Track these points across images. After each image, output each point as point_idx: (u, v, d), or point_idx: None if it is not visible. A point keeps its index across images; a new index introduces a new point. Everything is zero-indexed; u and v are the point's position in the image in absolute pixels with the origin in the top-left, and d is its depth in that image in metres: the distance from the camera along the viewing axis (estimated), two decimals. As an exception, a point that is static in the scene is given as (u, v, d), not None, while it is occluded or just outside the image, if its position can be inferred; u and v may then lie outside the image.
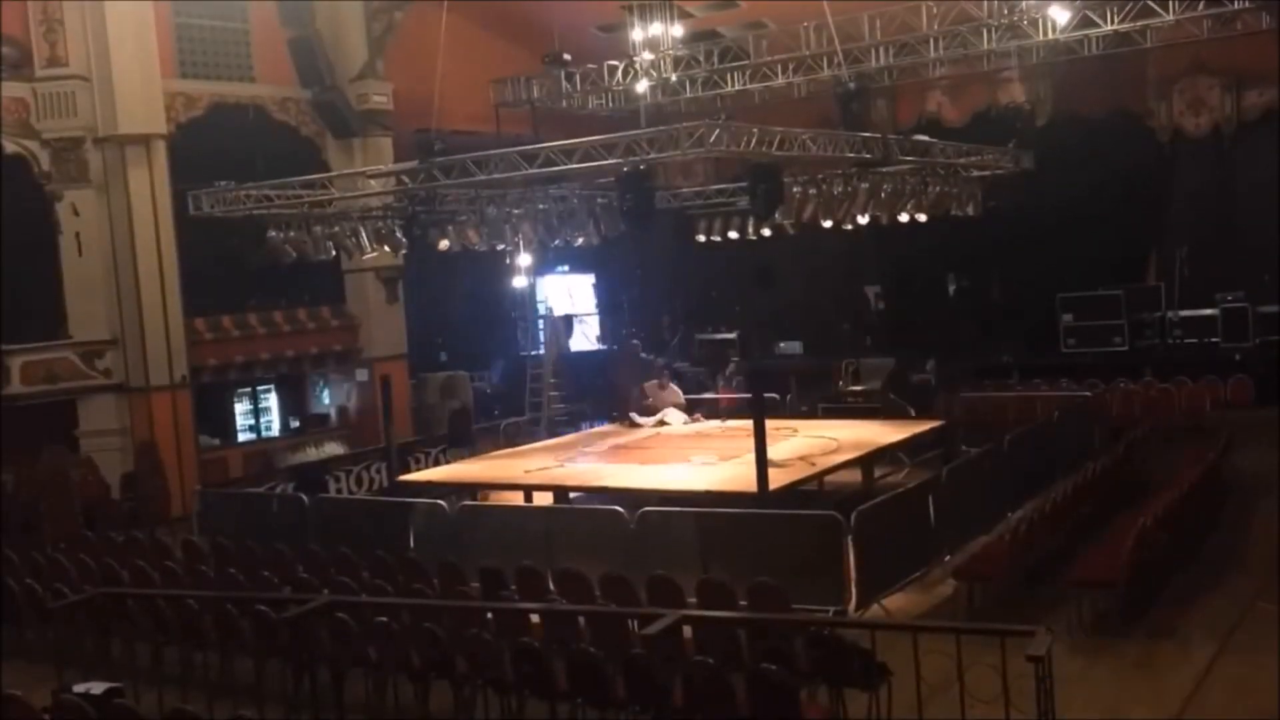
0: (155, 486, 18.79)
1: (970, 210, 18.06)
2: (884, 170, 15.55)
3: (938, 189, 16.73)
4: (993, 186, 18.88)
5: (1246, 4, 18.25)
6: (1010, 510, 13.84)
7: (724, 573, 10.87)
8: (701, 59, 21.54)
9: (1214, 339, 21.15)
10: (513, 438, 20.02)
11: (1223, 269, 21.64)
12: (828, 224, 16.82)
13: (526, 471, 16.10)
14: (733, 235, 20.55)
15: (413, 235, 15.85)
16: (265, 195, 16.42)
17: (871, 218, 17.21)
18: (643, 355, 23.92)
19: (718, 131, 12.40)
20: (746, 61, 21.57)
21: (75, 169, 19.25)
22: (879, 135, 14.84)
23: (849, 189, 15.17)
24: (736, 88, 22.51)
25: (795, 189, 14.09)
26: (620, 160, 12.93)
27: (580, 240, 17.10)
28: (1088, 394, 19.28)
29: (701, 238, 21.00)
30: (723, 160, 26.52)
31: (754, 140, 13.04)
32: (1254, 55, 19.89)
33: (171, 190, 19.51)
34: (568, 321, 26.79)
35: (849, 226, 20.11)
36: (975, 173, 18.00)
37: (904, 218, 18.98)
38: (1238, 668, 9.74)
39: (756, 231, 20.83)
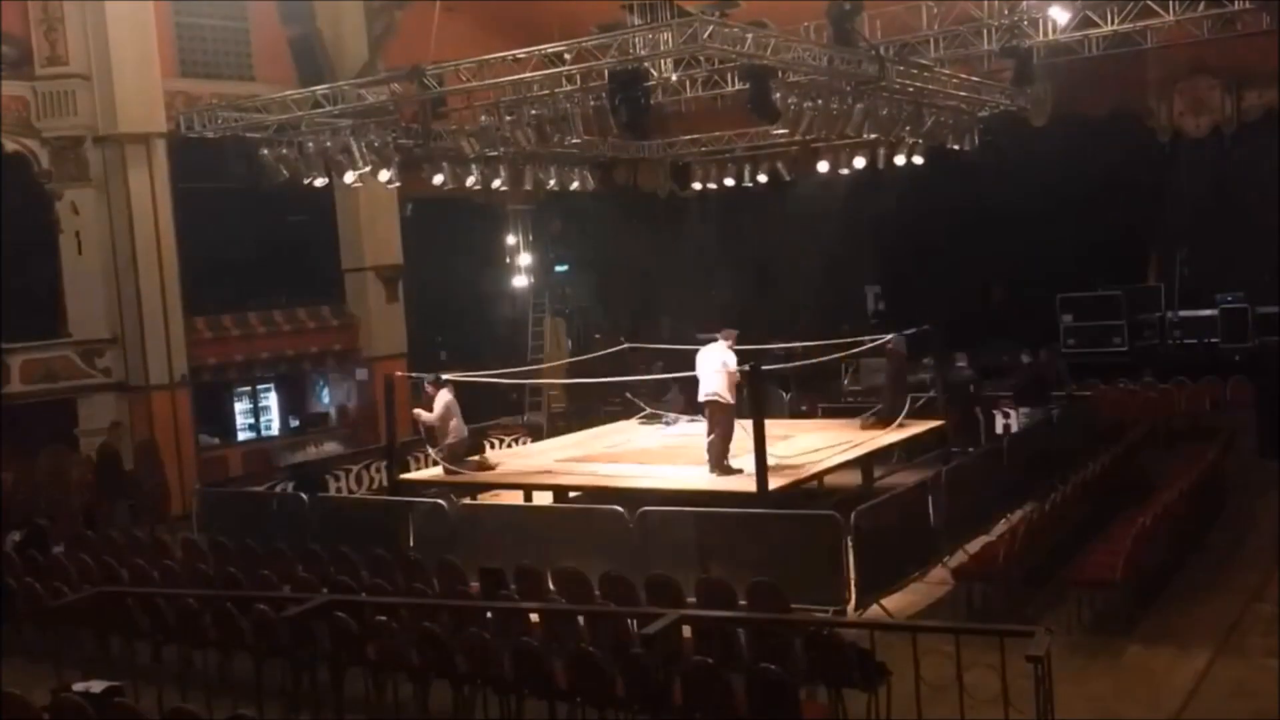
0: (155, 485, 18.80)
1: (967, 144, 17.81)
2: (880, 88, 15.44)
3: (934, 118, 16.61)
4: (991, 122, 18.55)
5: (1247, 4, 18.23)
6: (1010, 510, 13.85)
7: (723, 572, 10.88)
8: (702, 59, 21.51)
9: (1213, 339, 21.14)
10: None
11: (1222, 269, 21.64)
12: (823, 167, 16.13)
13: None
14: (729, 182, 20.27)
15: (407, 151, 15.53)
16: (256, 109, 16.19)
17: (872, 158, 17.13)
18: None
19: (711, 28, 12.35)
20: (747, 61, 21.54)
21: (75, 167, 19.25)
22: (874, 51, 14.78)
23: (845, 107, 14.97)
24: (736, 88, 22.48)
25: (791, 101, 13.91)
26: (615, 60, 12.80)
27: (575, 141, 16.55)
28: (1088, 394, 19.27)
29: (698, 185, 21.19)
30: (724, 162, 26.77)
31: (748, 43, 12.97)
32: (1254, 56, 19.87)
33: (171, 189, 19.53)
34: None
35: (845, 172, 20.02)
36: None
37: (900, 160, 18.97)
38: (1237, 668, 9.76)
39: (753, 178, 20.64)
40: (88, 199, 19.37)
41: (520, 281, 26.00)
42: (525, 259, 25.78)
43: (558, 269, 27.36)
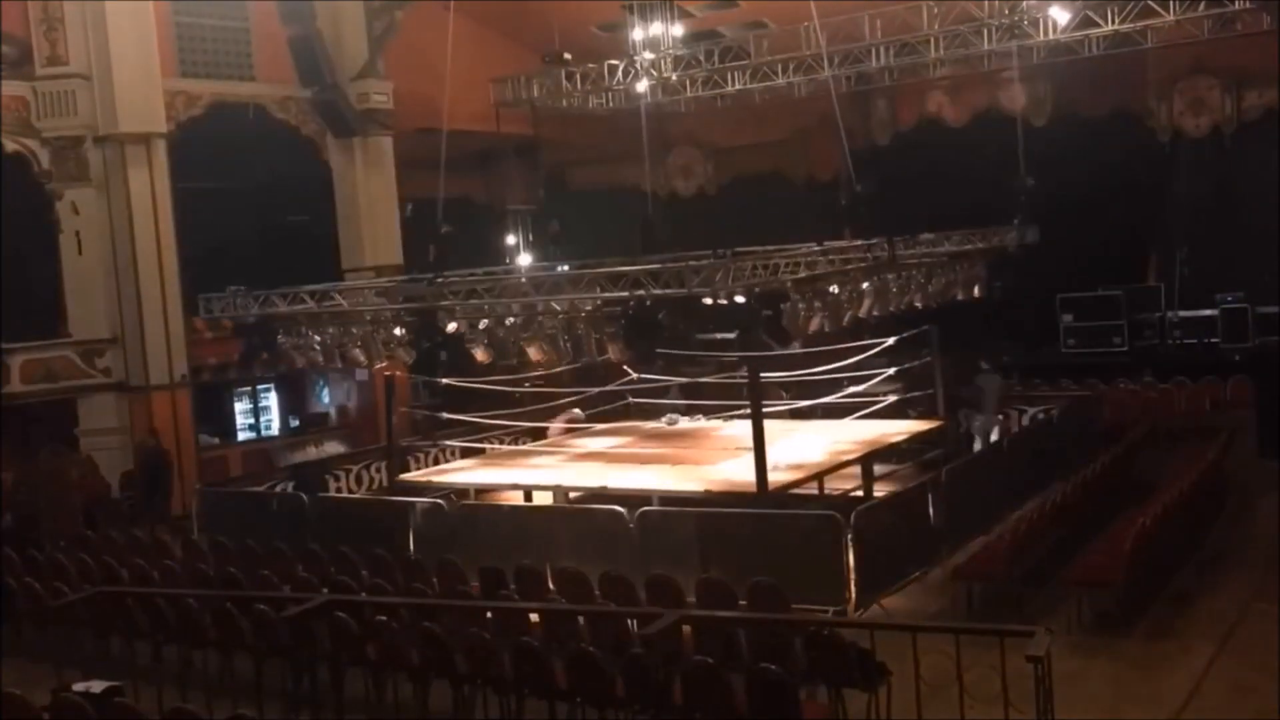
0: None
1: (976, 293, 17.31)
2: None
3: (943, 279, 16.34)
4: (996, 264, 17.96)
5: (1247, 4, 18.26)
6: (1010, 510, 13.84)
7: (723, 572, 10.87)
8: (702, 58, 21.57)
9: (1213, 339, 21.13)
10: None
11: (1222, 269, 21.62)
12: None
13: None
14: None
15: (421, 348, 15.38)
16: (272, 300, 15.90)
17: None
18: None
19: (721, 271, 12.41)
20: (747, 61, 21.59)
21: (75, 167, 19.23)
22: (884, 239, 14.61)
23: (855, 292, 14.48)
24: (737, 87, 22.54)
25: (800, 305, 13.41)
26: (627, 293, 12.78)
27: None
28: (1088, 394, 19.26)
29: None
30: (723, 162, 26.81)
31: (759, 270, 12.98)
32: (1254, 56, 19.90)
33: (172, 189, 19.54)
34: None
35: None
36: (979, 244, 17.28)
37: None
38: (1237, 668, 9.76)
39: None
40: (88, 199, 19.35)
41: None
42: (525, 259, 25.75)
43: (558, 269, 27.31)
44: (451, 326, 14.70)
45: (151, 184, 19.41)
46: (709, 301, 12.93)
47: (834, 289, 13.95)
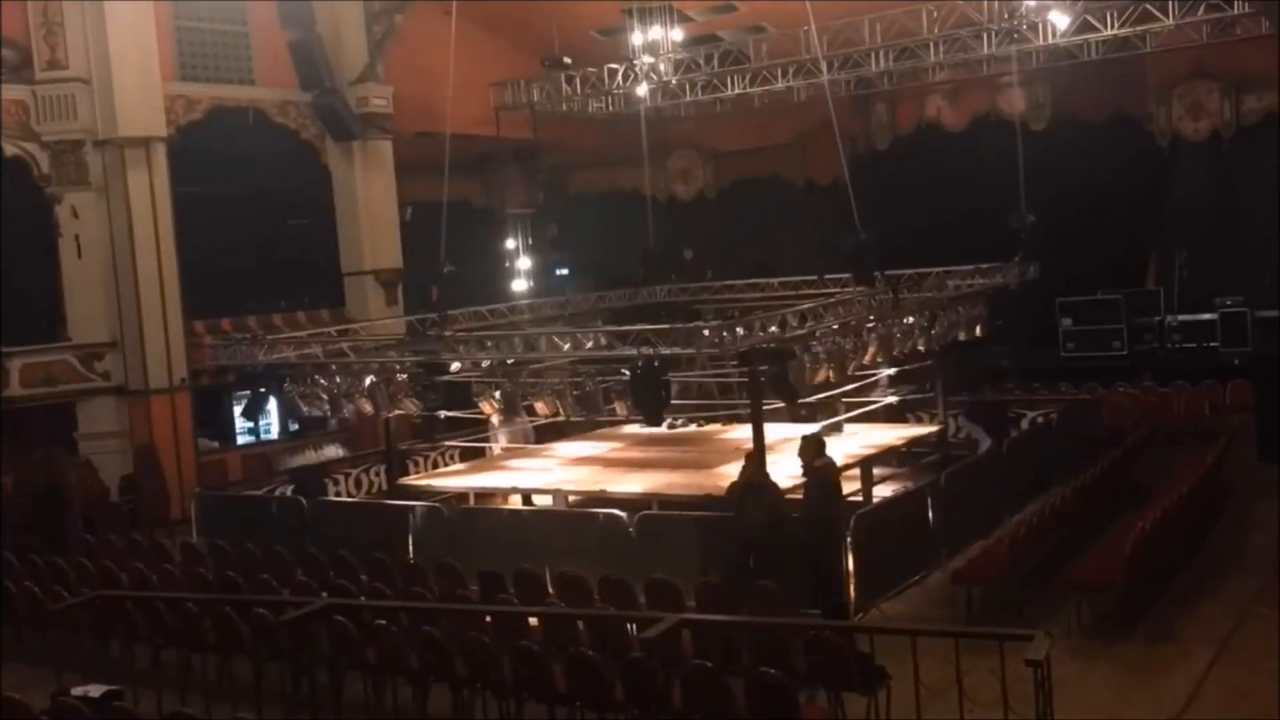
0: (154, 489, 18.79)
1: (978, 333, 16.91)
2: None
3: (946, 321, 16.32)
4: (997, 301, 17.52)
5: (1246, 9, 18.28)
6: (1009, 514, 13.84)
7: (723, 576, 10.87)
8: (701, 62, 21.59)
9: (1213, 343, 21.12)
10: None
11: (1222, 273, 21.63)
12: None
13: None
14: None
15: (429, 401, 15.60)
16: (279, 343, 16.25)
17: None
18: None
19: (725, 332, 12.63)
20: (746, 65, 21.61)
21: (75, 171, 19.24)
22: (888, 278, 14.71)
23: (860, 341, 14.31)
24: (736, 91, 22.57)
25: (806, 359, 13.24)
26: (633, 352, 12.93)
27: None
28: (1087, 398, 19.26)
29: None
30: (723, 166, 26.83)
31: (765, 324, 13.20)
32: (1253, 60, 19.92)
33: (171, 193, 19.55)
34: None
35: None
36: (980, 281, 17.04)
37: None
38: (1236, 672, 9.76)
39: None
40: (87, 203, 19.35)
41: (520, 285, 25.99)
42: (525, 263, 25.77)
43: (559, 272, 27.34)
44: (455, 366, 14.89)
45: (151, 188, 19.42)
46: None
47: (837, 340, 13.97)
